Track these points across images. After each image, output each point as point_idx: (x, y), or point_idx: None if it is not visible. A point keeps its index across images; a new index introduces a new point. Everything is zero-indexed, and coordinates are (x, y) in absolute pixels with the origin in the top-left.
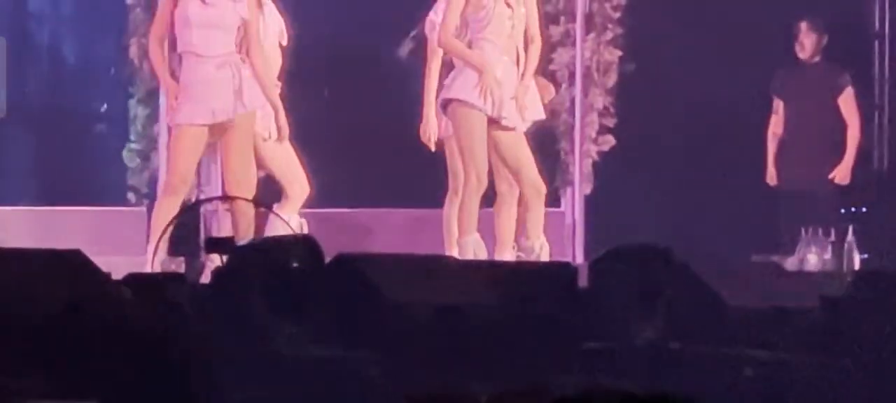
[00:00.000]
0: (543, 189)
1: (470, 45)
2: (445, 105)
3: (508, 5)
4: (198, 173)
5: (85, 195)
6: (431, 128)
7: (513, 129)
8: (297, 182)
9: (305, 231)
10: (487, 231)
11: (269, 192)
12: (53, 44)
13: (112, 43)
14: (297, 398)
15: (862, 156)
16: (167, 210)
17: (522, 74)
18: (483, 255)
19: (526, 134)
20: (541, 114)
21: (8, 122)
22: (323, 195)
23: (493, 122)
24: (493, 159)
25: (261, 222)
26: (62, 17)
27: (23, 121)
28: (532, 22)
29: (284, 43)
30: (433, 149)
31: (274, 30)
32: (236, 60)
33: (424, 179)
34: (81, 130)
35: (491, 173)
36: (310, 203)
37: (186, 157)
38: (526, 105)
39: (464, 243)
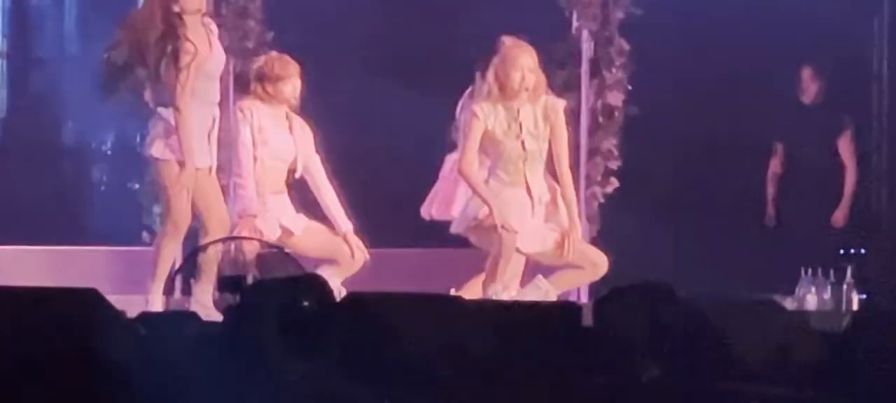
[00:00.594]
0: None
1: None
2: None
3: (523, 147)
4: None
5: (100, 235)
6: None
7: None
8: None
9: None
10: None
11: None
12: (71, 85)
13: None
14: None
15: (860, 199)
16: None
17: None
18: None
19: None
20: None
21: (22, 161)
22: None
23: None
24: None
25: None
26: (80, 59)
27: (37, 160)
28: (558, 161)
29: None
30: None
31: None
32: None
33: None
34: (97, 170)
35: None
36: None
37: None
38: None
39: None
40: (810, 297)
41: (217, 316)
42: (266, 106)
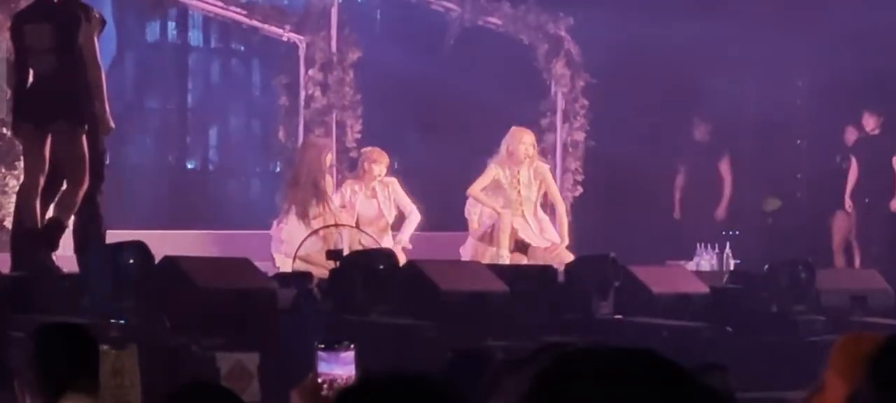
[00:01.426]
0: None
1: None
2: None
3: (519, 193)
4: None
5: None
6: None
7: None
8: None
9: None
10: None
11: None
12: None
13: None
14: (388, 351)
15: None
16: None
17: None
18: None
19: None
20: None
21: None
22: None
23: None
24: None
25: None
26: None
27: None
28: (553, 198)
29: None
30: None
31: None
32: None
33: None
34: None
35: None
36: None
37: None
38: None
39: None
40: (703, 262)
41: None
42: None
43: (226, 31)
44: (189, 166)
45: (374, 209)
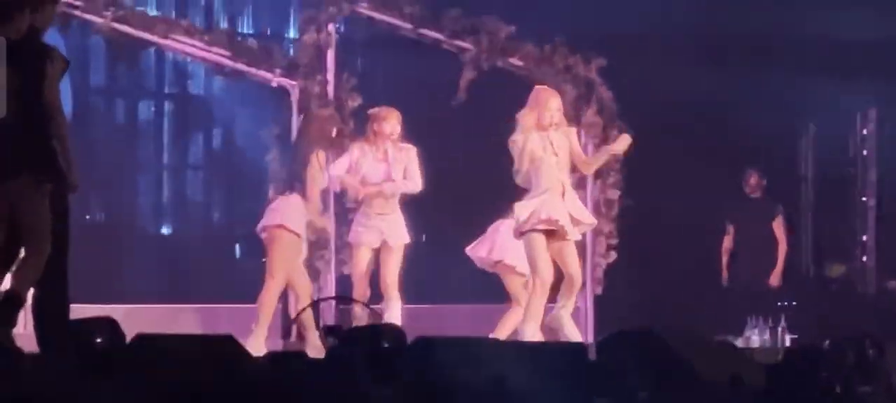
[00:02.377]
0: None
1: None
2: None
3: (555, 153)
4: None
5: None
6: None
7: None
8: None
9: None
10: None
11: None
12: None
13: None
14: None
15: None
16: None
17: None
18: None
19: None
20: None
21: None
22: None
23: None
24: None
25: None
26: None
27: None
28: (576, 158)
29: None
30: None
31: None
32: None
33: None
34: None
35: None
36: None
37: None
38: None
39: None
40: (754, 337)
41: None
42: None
43: (207, 76)
44: (164, 231)
45: (381, 173)
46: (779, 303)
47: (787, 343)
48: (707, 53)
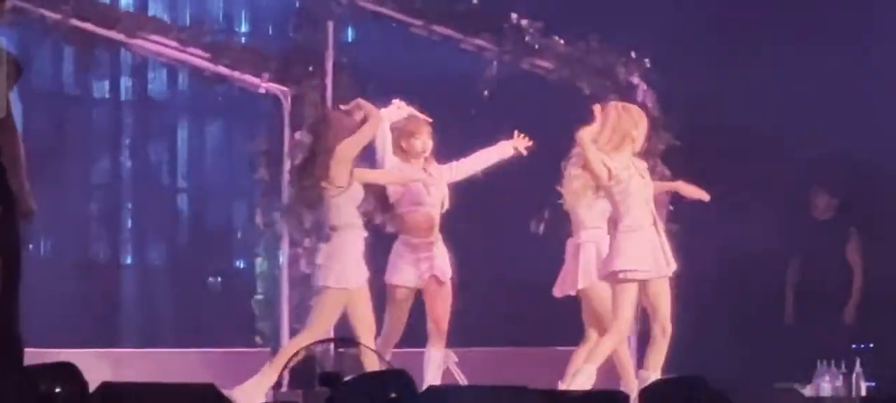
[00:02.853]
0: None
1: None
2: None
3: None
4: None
5: (218, 338)
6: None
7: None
8: None
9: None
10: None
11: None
12: (195, 212)
13: (243, 211)
14: None
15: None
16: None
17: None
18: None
19: None
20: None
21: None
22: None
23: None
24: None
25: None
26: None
27: (171, 276)
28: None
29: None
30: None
31: None
32: None
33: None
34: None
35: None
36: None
37: None
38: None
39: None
40: (825, 385)
41: None
42: None
43: (182, 81)
44: (127, 261)
45: (421, 195)
46: (853, 345)
47: (864, 392)
48: (765, 42)
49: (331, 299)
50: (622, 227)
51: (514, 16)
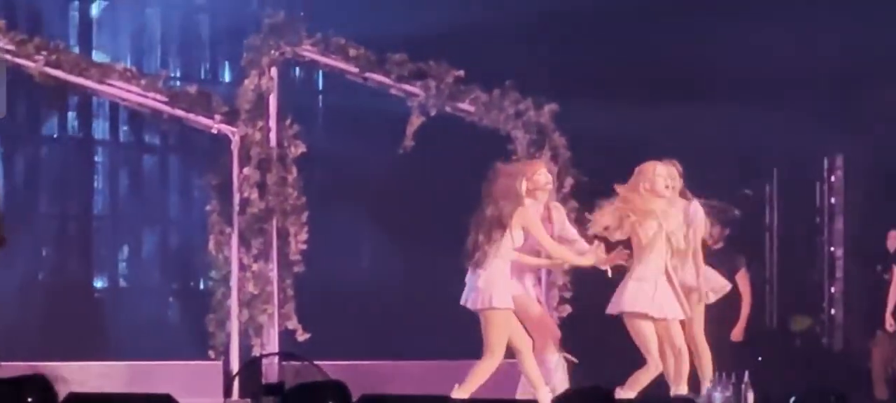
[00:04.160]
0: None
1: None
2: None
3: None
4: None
5: (175, 352)
6: None
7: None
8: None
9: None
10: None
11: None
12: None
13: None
14: None
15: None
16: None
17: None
18: None
19: None
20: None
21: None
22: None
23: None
24: None
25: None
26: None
27: (135, 295)
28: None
29: None
30: None
31: None
32: None
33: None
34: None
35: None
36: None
37: None
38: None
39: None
40: (716, 395)
41: None
42: None
43: (141, 123)
44: (97, 285)
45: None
46: (740, 359)
47: (751, 401)
48: (660, 99)
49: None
50: (636, 275)
51: (437, 65)
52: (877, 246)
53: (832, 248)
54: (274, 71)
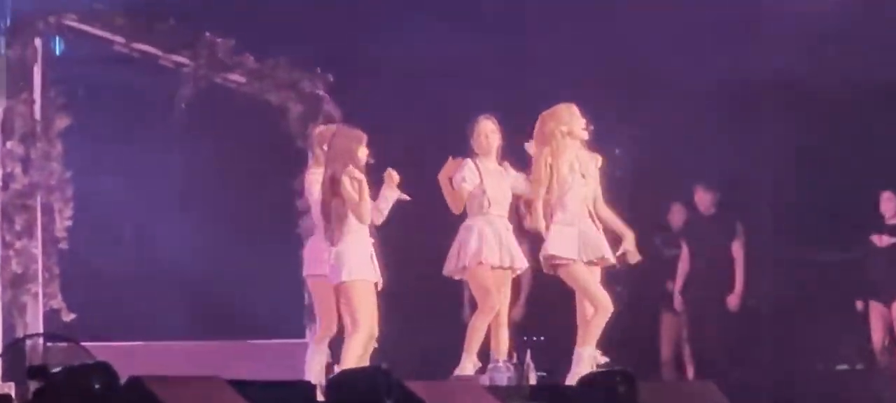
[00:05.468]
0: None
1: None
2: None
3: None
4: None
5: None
6: None
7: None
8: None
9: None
10: None
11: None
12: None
13: None
14: None
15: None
16: None
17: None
18: None
19: None
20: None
21: None
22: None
23: None
24: None
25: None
26: None
27: None
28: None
29: None
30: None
31: None
32: None
33: None
34: None
35: None
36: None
37: None
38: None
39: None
40: (498, 375)
41: None
42: None
43: None
44: None
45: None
46: (524, 338)
47: (533, 381)
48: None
49: None
50: (557, 220)
51: (207, 34)
52: (658, 218)
53: None
54: (38, 42)
